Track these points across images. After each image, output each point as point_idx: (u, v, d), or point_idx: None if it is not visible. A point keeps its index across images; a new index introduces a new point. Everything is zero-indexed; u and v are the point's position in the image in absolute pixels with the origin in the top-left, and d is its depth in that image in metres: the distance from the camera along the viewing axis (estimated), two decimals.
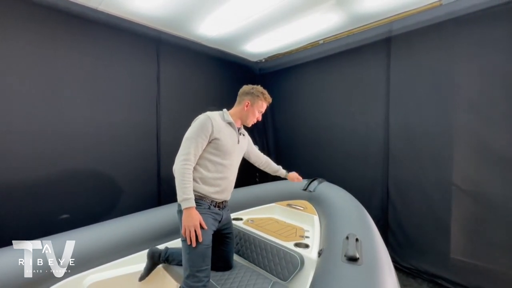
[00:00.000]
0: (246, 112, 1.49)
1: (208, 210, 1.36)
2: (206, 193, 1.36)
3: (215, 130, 1.34)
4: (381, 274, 1.04)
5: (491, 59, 1.96)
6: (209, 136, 1.33)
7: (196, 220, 1.25)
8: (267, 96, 1.51)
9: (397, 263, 2.44)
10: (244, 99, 1.49)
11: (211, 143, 1.36)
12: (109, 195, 2.43)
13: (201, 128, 1.32)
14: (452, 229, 2.15)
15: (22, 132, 1.95)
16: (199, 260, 1.26)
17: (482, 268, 2.01)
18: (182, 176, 1.26)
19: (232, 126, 1.46)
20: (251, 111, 1.49)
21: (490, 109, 1.97)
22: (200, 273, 1.25)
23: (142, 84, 2.62)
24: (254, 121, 1.53)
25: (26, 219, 1.96)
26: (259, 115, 1.54)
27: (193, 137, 1.31)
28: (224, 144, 1.37)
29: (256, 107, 1.49)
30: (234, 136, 1.46)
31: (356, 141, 2.79)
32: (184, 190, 1.25)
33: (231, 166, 1.45)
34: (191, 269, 1.25)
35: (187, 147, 1.30)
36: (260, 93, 1.48)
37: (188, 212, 1.24)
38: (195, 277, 1.24)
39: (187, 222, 1.24)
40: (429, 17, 2.21)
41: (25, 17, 1.95)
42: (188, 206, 1.24)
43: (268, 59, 3.64)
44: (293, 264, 1.50)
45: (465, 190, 2.09)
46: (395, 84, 2.48)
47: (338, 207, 1.84)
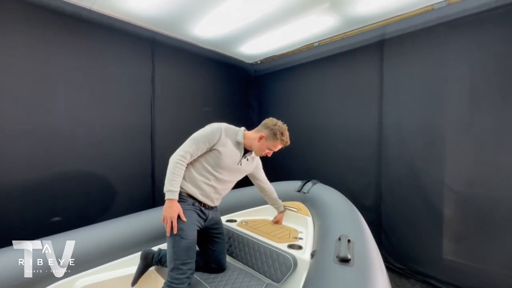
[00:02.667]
0: (258, 143, 1.46)
1: (192, 207, 1.39)
2: (191, 192, 1.39)
3: (219, 143, 1.38)
4: (372, 274, 1.04)
5: (481, 62, 2.00)
6: (211, 145, 1.38)
7: (175, 212, 1.28)
8: (285, 138, 1.47)
9: (390, 264, 2.46)
10: (262, 131, 1.47)
11: (210, 151, 1.40)
12: (102, 197, 2.41)
13: (208, 134, 1.37)
14: (445, 230, 2.18)
15: (14, 133, 1.92)
16: (182, 253, 1.28)
17: (474, 269, 2.03)
18: (174, 169, 1.30)
19: (239, 147, 1.46)
20: (264, 145, 1.46)
21: (481, 111, 2.01)
22: (184, 266, 1.27)
23: (137, 85, 2.60)
24: (263, 154, 1.51)
25: (19, 222, 1.93)
26: (270, 152, 1.50)
27: (198, 139, 1.36)
28: (222, 158, 1.39)
29: (269, 144, 1.46)
30: (237, 157, 1.46)
31: (350, 143, 2.81)
32: (171, 183, 1.29)
33: (222, 180, 1.44)
34: (175, 262, 1.27)
35: (189, 146, 1.35)
36: (279, 133, 1.44)
37: (170, 203, 1.29)
38: (179, 270, 1.27)
39: (166, 213, 1.28)
40: (421, 21, 2.25)
41: (18, 16, 1.92)
42: (171, 198, 1.29)
43: (264, 61, 3.66)
44: (286, 265, 1.50)
45: (457, 192, 2.12)
46: (388, 86, 2.51)
47: (332, 209, 1.84)
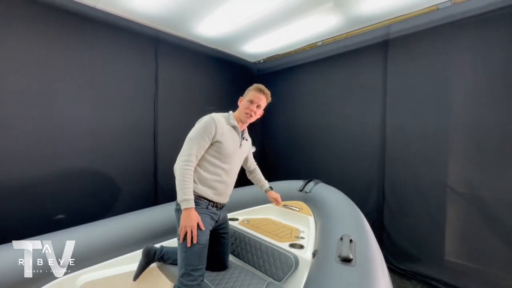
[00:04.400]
0: (240, 107, 1.47)
1: (206, 210, 1.36)
2: (203, 194, 1.36)
3: (218, 133, 1.34)
4: (374, 275, 1.04)
5: (486, 62, 1.98)
6: (211, 138, 1.34)
7: (194, 220, 1.25)
8: (257, 85, 1.46)
9: (392, 265, 2.45)
10: (240, 98, 1.51)
11: (213, 145, 1.36)
12: (105, 195, 2.42)
13: (204, 129, 1.32)
14: (447, 231, 2.17)
15: (18, 131, 1.93)
16: (194, 259, 1.26)
17: (477, 271, 2.02)
18: (183, 176, 1.26)
19: (236, 130, 1.46)
20: (243, 105, 1.46)
21: (485, 111, 1.99)
22: (195, 272, 1.25)
23: (140, 83, 2.61)
24: (249, 113, 1.43)
25: (21, 220, 1.95)
26: (253, 107, 1.43)
27: (196, 137, 1.31)
28: (225, 147, 1.37)
29: (247, 98, 1.45)
30: (237, 140, 1.46)
31: (353, 143, 2.80)
32: (185, 191, 1.25)
33: (231, 170, 1.44)
34: (187, 268, 1.25)
35: (190, 147, 1.30)
36: (252, 86, 1.48)
37: (187, 213, 1.24)
38: (190, 276, 1.24)
39: (185, 222, 1.24)
40: (426, 21, 2.24)
41: (22, 15, 1.93)
42: (188, 207, 1.24)
43: (267, 60, 3.65)
44: (288, 264, 1.50)
45: (460, 192, 2.11)
46: (391, 86, 2.49)
47: (334, 209, 1.84)
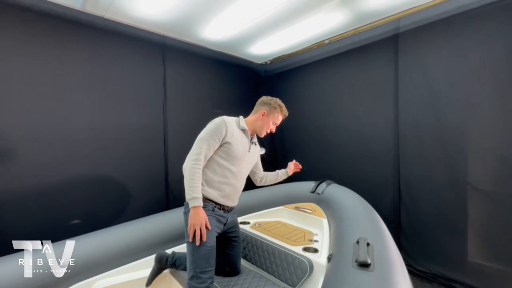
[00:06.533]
0: (261, 121, 1.50)
1: (212, 212, 1.36)
2: (210, 196, 1.36)
3: (228, 134, 1.36)
4: (394, 279, 0.99)
5: (504, 53, 1.88)
6: (221, 139, 1.36)
7: (203, 218, 1.26)
8: (284, 109, 1.54)
9: (411, 267, 2.35)
10: (261, 109, 1.51)
11: (222, 146, 1.38)
12: (117, 200, 2.46)
13: (215, 130, 1.34)
14: (469, 231, 2.06)
15: (30, 138, 1.99)
16: (203, 261, 1.26)
17: (503, 272, 1.91)
18: (192, 175, 1.28)
19: (245, 134, 1.48)
20: (266, 121, 1.50)
21: (505, 104, 1.88)
22: (204, 274, 1.25)
23: (149, 89, 2.65)
24: (268, 131, 1.54)
25: (37, 226, 1.99)
26: (273, 127, 1.55)
27: (206, 138, 1.33)
28: (234, 149, 1.38)
29: (271, 118, 1.51)
30: (246, 144, 1.47)
31: (365, 141, 2.72)
32: (193, 189, 1.27)
33: (239, 173, 1.44)
34: (195, 270, 1.25)
35: (199, 147, 1.32)
36: (277, 105, 1.51)
37: (196, 211, 1.26)
38: (199, 278, 1.24)
39: (194, 220, 1.25)
40: (438, 12, 2.15)
41: (35, 26, 2.00)
42: (196, 205, 1.26)
43: (273, 61, 3.63)
44: (302, 269, 1.46)
45: (482, 190, 2.00)
46: (404, 82, 2.41)
47: (348, 210, 1.78)
